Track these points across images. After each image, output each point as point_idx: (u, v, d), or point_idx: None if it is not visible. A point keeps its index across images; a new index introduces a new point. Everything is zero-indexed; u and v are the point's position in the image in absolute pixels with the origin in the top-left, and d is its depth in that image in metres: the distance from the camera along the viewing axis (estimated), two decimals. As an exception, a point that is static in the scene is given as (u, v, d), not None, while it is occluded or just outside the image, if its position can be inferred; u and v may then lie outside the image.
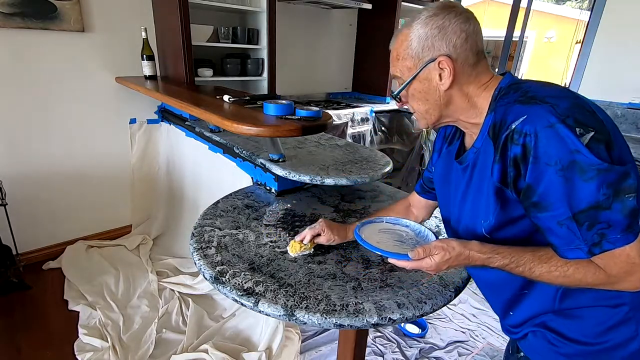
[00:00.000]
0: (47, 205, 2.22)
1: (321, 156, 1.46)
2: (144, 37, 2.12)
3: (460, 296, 1.77)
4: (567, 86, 2.74)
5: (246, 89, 2.67)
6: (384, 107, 3.21)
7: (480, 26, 0.69)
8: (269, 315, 0.79)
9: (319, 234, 0.98)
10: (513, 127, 0.60)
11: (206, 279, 0.89)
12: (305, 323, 0.76)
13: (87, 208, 2.36)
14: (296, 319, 0.76)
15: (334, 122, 2.67)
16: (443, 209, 0.89)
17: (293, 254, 0.98)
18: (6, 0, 1.80)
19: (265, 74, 2.52)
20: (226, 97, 1.51)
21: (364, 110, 3.01)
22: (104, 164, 2.36)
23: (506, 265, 0.66)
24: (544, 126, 0.56)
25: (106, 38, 2.15)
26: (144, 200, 2.57)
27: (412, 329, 1.86)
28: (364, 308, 0.78)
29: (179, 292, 1.95)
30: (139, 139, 2.44)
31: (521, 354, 0.80)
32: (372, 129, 3.14)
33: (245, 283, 0.84)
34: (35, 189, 2.15)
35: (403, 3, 3.17)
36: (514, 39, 3.36)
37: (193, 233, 1.05)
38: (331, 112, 2.66)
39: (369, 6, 2.95)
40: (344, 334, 1.22)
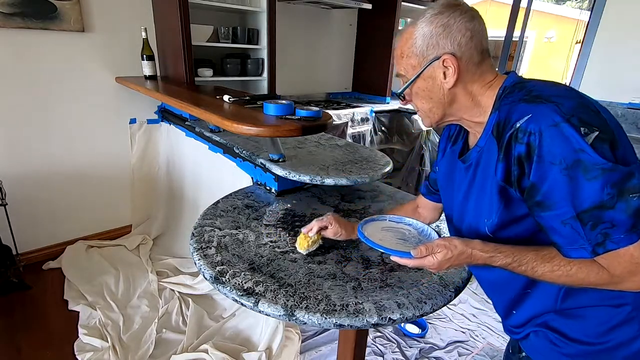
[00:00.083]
0: (47, 205, 2.22)
1: (321, 156, 1.46)
2: (144, 37, 2.12)
3: (460, 296, 1.77)
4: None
5: (246, 89, 2.67)
6: (384, 107, 3.21)
7: (485, 25, 0.69)
8: (269, 315, 0.79)
9: (326, 227, 0.96)
10: (517, 125, 0.59)
11: (206, 279, 0.89)
12: (305, 323, 0.76)
13: (87, 208, 2.36)
14: (296, 319, 0.76)
15: (334, 122, 2.67)
16: (446, 208, 0.88)
17: (302, 251, 0.96)
18: (6, 0, 1.81)
19: (265, 74, 2.52)
20: (226, 97, 1.51)
21: (364, 110, 3.01)
22: (104, 164, 2.36)
23: (509, 264, 0.66)
24: (548, 125, 0.56)
25: (106, 38, 2.15)
26: (144, 200, 2.57)
27: (412, 329, 1.86)
28: (364, 308, 0.78)
29: (179, 292, 1.95)
30: (139, 139, 2.44)
31: (523, 354, 0.79)
32: (372, 129, 3.14)
33: (245, 283, 0.84)
34: (35, 189, 2.15)
35: (403, 3, 3.18)
36: (514, 39, 3.36)
37: (193, 233, 1.05)
38: (331, 112, 2.66)
39: (369, 6, 2.95)
40: (344, 334, 1.22)
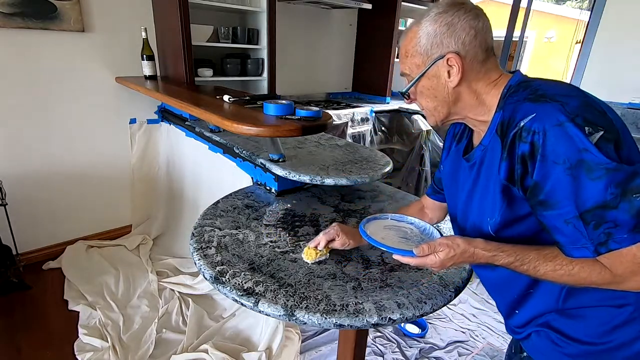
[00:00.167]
0: (47, 205, 2.21)
1: (321, 156, 1.46)
2: (144, 37, 2.12)
3: (460, 296, 1.77)
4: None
5: (246, 89, 2.67)
6: (384, 107, 3.21)
7: (490, 23, 0.69)
8: (269, 315, 0.79)
9: (333, 239, 0.94)
10: (522, 124, 0.59)
11: (206, 279, 0.89)
12: (305, 323, 0.76)
13: (87, 208, 2.36)
14: (296, 319, 0.76)
15: (334, 122, 2.67)
16: (451, 207, 0.88)
17: (310, 261, 0.95)
18: (6, 0, 1.81)
19: (265, 74, 2.52)
20: (226, 97, 1.51)
21: (364, 110, 3.01)
22: (104, 164, 2.36)
23: (511, 264, 0.66)
24: (552, 124, 0.56)
25: (106, 38, 2.15)
26: (144, 200, 2.57)
27: (412, 329, 1.86)
28: (364, 308, 0.78)
29: (179, 292, 1.95)
30: (139, 139, 2.44)
31: (524, 354, 0.79)
32: (372, 129, 3.14)
33: (245, 283, 0.84)
34: (35, 189, 2.15)
35: (403, 3, 3.18)
36: (514, 39, 3.36)
37: (193, 233, 1.05)
38: (331, 112, 2.66)
39: (369, 6, 2.95)
40: (344, 334, 1.22)
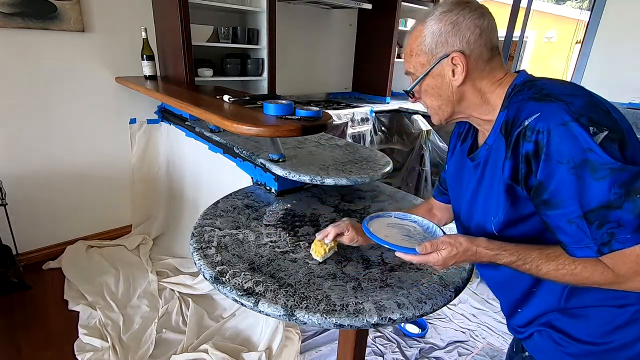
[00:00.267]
0: (47, 205, 2.21)
1: (321, 156, 1.46)
2: (144, 37, 2.12)
3: (460, 296, 1.77)
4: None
5: (246, 89, 2.67)
6: (384, 107, 3.21)
7: (495, 22, 0.69)
8: (269, 315, 0.79)
9: (342, 233, 0.92)
10: (526, 124, 0.59)
11: (206, 279, 0.89)
12: (305, 323, 0.76)
13: (87, 208, 2.36)
14: (296, 319, 0.76)
15: (334, 122, 2.67)
16: (455, 206, 0.88)
17: (319, 258, 0.93)
18: (6, 0, 1.81)
19: (265, 74, 2.52)
20: (226, 97, 1.51)
21: (364, 110, 3.01)
22: (104, 164, 2.36)
23: (513, 263, 0.66)
24: (557, 124, 0.56)
25: (106, 38, 2.15)
26: (144, 200, 2.57)
27: (412, 329, 1.86)
28: (364, 308, 0.78)
29: (179, 292, 1.95)
30: (139, 139, 2.44)
31: (526, 354, 0.79)
32: (372, 129, 3.14)
33: (245, 283, 0.84)
34: (35, 189, 2.15)
35: (403, 3, 3.18)
36: (514, 39, 3.36)
37: (193, 233, 1.05)
38: (331, 112, 2.66)
39: (369, 6, 2.95)
40: (344, 334, 1.22)
